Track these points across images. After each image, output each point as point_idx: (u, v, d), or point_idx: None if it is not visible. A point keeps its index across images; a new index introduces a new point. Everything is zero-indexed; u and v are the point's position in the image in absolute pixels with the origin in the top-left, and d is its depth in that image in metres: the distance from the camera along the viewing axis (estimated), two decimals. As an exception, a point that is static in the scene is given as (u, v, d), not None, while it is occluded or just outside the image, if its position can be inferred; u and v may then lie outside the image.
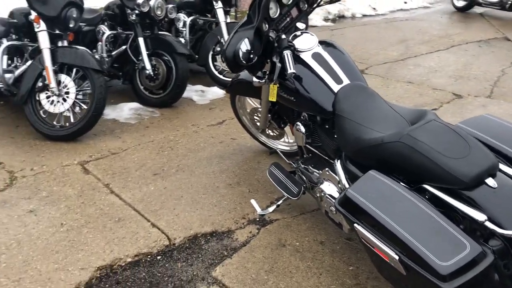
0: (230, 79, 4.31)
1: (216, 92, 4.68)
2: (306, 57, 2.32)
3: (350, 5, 8.85)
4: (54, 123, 3.66)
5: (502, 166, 1.72)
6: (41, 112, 3.66)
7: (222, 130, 3.81)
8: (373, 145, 1.87)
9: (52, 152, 3.46)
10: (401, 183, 1.77)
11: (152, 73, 4.17)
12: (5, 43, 3.85)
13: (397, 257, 1.57)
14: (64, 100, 3.62)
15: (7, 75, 3.93)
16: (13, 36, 4.01)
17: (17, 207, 2.77)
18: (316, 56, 2.33)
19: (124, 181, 3.04)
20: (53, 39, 3.72)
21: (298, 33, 2.44)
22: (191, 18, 4.93)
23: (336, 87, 2.22)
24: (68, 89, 3.63)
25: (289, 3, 2.45)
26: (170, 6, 4.47)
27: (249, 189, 2.94)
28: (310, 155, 2.58)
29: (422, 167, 1.71)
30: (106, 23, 4.56)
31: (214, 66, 4.81)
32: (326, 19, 8.34)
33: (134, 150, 3.48)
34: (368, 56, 5.94)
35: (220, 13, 4.72)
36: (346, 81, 2.25)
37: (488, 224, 1.53)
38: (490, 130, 1.89)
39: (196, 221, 2.63)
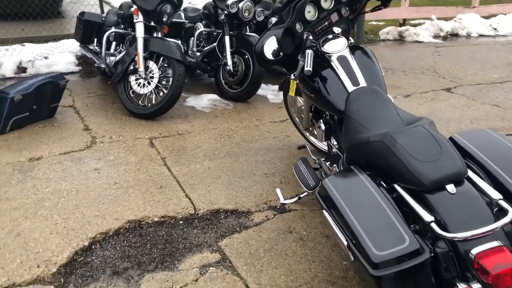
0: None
1: (292, 93, 4.91)
2: (331, 58, 2.47)
3: (467, 24, 8.44)
4: (139, 102, 4.21)
5: (477, 179, 1.73)
6: (130, 92, 4.24)
7: (281, 127, 4.04)
8: (361, 143, 1.98)
9: (131, 126, 4.00)
10: (379, 180, 1.87)
11: (232, 69, 4.55)
12: (111, 30, 4.52)
13: (345, 243, 1.69)
14: (149, 83, 4.16)
15: (111, 58, 4.62)
16: (121, 26, 4.69)
17: (86, 164, 3.31)
18: (341, 59, 2.46)
19: (178, 158, 3.44)
20: (150, 30, 4.29)
21: (329, 36, 2.59)
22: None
23: (351, 89, 2.34)
24: (153, 74, 4.16)
25: (329, 8, 2.62)
26: (259, 9, 4.81)
27: (281, 180, 3.14)
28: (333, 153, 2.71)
29: (393, 167, 1.80)
30: (203, 21, 5.07)
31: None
32: (436, 36, 8.08)
33: (197, 134, 3.88)
34: (463, 76, 5.70)
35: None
36: (363, 84, 2.36)
37: (433, 225, 1.57)
38: (484, 145, 1.88)
39: (223, 198, 2.92)
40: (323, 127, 2.58)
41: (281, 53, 2.42)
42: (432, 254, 1.57)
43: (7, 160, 3.35)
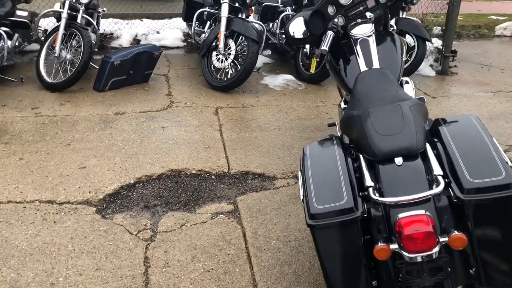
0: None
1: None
2: (355, 41, 2.62)
3: None
4: (218, 76, 4.68)
5: (431, 157, 1.82)
6: (211, 66, 4.73)
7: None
8: (347, 117, 2.17)
9: (206, 96, 4.50)
10: (352, 151, 2.05)
11: (308, 51, 4.79)
12: (201, 9, 5.05)
13: (302, 197, 1.92)
14: (226, 59, 4.60)
15: (203, 35, 5.15)
16: (215, 6, 5.19)
17: (156, 122, 3.87)
18: (363, 42, 2.60)
19: (233, 126, 3.84)
20: (236, 11, 4.72)
21: (359, 20, 2.73)
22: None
23: (364, 70, 2.49)
24: (230, 51, 4.58)
25: (365, -8, 2.76)
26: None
27: (316, 154, 3.36)
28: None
29: (360, 139, 1.97)
30: (292, 6, 5.37)
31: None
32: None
33: (259, 108, 4.23)
34: None
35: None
36: (376, 66, 2.49)
37: (370, 190, 1.73)
38: (457, 131, 1.94)
39: (256, 163, 3.25)
40: (342, 105, 2.75)
41: (308, 34, 2.64)
42: (365, 215, 1.73)
43: (98, 112, 4.06)
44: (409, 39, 4.93)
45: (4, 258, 2.29)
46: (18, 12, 5.14)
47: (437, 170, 1.74)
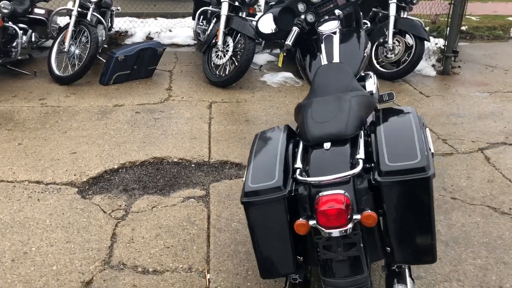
0: (389, 71, 4.83)
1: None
2: (320, 37, 2.74)
3: None
4: (217, 72, 4.86)
5: (361, 143, 1.94)
6: (211, 63, 4.92)
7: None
8: (297, 106, 2.30)
9: (203, 91, 4.69)
10: (297, 137, 2.18)
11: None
12: (202, 8, 5.25)
13: (243, 179, 2.07)
14: (224, 55, 4.78)
15: (207, 33, 5.35)
16: (219, 6, 5.37)
17: (151, 114, 4.08)
18: (327, 38, 2.72)
19: (222, 119, 4.00)
20: (237, 10, 4.89)
21: (326, 17, 2.85)
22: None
23: (324, 64, 2.61)
24: (228, 48, 4.76)
25: (335, -9, 2.88)
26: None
27: (294, 147, 3.49)
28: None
29: (300, 126, 2.10)
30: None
31: (377, 57, 5.18)
32: None
33: (252, 103, 4.38)
34: None
35: (392, 7, 5.02)
36: (336, 61, 2.61)
37: (297, 171, 1.86)
38: (391, 120, 2.06)
39: (235, 154, 3.40)
40: None
41: (277, 30, 2.78)
42: (292, 194, 1.86)
43: (99, 103, 4.31)
44: (408, 39, 4.99)
45: (-13, 229, 2.54)
46: (36, 10, 5.48)
47: (359, 154, 1.85)
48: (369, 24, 3.84)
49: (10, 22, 4.90)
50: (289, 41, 2.65)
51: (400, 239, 1.76)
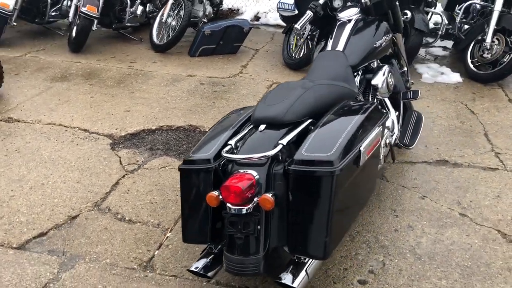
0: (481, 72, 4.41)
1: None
2: (336, 23, 2.68)
3: None
4: (292, 54, 4.91)
5: (296, 130, 1.91)
6: (290, 45, 4.97)
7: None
8: None
9: (275, 72, 4.79)
10: None
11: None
12: None
13: None
14: (300, 38, 4.79)
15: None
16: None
17: (212, 87, 4.34)
18: (341, 25, 2.65)
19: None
20: None
21: (349, 3, 2.75)
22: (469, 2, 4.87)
23: (328, 49, 2.57)
24: (304, 31, 4.75)
25: (367, -22, 2.75)
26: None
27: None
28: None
29: None
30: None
31: (472, 56, 4.69)
32: None
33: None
34: None
35: (498, 1, 4.48)
36: (340, 49, 2.53)
37: (226, 147, 1.91)
38: (339, 114, 2.00)
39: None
40: None
41: (297, 12, 2.79)
42: (220, 168, 1.93)
43: (175, 72, 4.71)
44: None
45: (28, 160, 3.06)
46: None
47: (283, 139, 1.84)
48: (409, 15, 3.45)
49: (124, -8, 5.55)
50: (298, 25, 2.65)
51: (293, 229, 1.75)
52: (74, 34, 5.15)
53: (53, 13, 5.77)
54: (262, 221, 1.77)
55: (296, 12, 2.82)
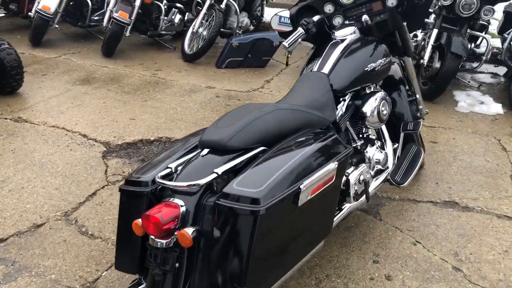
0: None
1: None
2: (330, 41, 2.44)
3: None
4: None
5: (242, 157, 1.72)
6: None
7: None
8: None
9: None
10: None
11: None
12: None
13: None
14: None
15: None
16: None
17: (227, 101, 4.20)
18: (333, 45, 2.41)
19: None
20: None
21: (346, 22, 2.50)
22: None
23: (313, 70, 2.34)
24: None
25: (369, -7, 2.50)
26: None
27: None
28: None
29: None
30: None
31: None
32: None
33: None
34: None
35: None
36: (325, 70, 2.30)
37: (163, 172, 1.74)
38: (288, 145, 1.78)
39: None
40: None
41: (292, 28, 2.58)
42: (156, 192, 1.76)
43: (195, 82, 4.62)
44: None
45: (19, 162, 3.06)
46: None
47: (220, 168, 1.65)
48: (419, 37, 3.05)
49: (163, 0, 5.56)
50: (286, 42, 2.44)
51: (213, 271, 1.54)
52: (105, 39, 5.23)
53: (95, 18, 5.92)
54: (183, 258, 1.58)
55: (291, 28, 2.60)
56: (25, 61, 4.29)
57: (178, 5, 5.82)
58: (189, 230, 1.54)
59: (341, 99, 2.30)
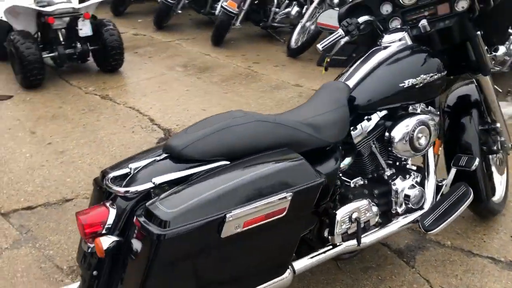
0: None
1: None
2: (373, 46, 2.08)
3: None
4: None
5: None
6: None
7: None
8: None
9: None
10: None
11: None
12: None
13: None
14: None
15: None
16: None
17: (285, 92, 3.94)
18: (373, 52, 2.04)
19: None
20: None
21: (398, 27, 2.09)
22: None
23: (340, 79, 2.03)
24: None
25: (432, -6, 2.06)
26: None
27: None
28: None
29: None
30: None
31: None
32: None
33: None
34: None
35: None
36: (348, 81, 1.97)
37: (117, 172, 1.62)
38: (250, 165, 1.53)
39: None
40: None
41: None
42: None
43: (285, 79, 4.44)
44: None
45: (83, 137, 3.27)
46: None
47: (160, 178, 1.48)
48: (500, 51, 2.23)
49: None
50: (320, 44, 2.15)
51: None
52: (214, 27, 5.32)
53: (216, 6, 6.06)
54: (101, 267, 1.47)
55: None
56: (140, 43, 4.62)
57: (300, -1, 5.64)
58: (106, 240, 1.42)
59: (365, 117, 1.93)
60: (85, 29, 4.10)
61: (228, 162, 1.57)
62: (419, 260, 2.21)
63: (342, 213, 1.73)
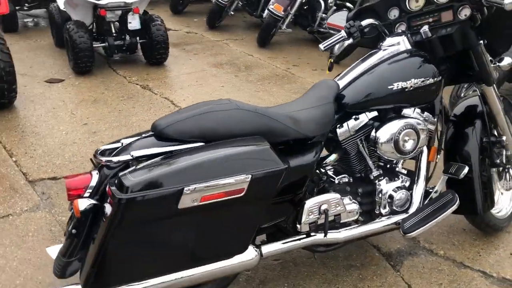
0: None
1: None
2: (373, 49, 2.13)
3: None
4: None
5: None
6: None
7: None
8: None
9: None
10: None
11: None
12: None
13: None
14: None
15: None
16: None
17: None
18: (370, 55, 2.09)
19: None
20: None
21: (399, 31, 2.11)
22: None
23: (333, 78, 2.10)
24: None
25: (440, 1, 2.07)
26: None
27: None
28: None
29: None
30: None
31: None
32: None
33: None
34: None
35: None
36: (340, 80, 2.04)
37: (108, 146, 1.77)
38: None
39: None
40: None
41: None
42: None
43: (309, 78, 4.48)
44: None
45: (117, 121, 3.52)
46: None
47: (139, 151, 1.63)
48: (505, 62, 2.04)
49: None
50: (322, 45, 2.22)
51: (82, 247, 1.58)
52: (260, 30, 5.47)
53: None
54: (79, 226, 1.64)
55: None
56: (190, 40, 4.88)
57: (348, 4, 5.67)
58: (83, 202, 1.58)
59: (353, 116, 1.98)
60: (134, 22, 4.39)
61: (203, 144, 1.69)
62: (406, 265, 2.21)
63: (311, 203, 1.80)
